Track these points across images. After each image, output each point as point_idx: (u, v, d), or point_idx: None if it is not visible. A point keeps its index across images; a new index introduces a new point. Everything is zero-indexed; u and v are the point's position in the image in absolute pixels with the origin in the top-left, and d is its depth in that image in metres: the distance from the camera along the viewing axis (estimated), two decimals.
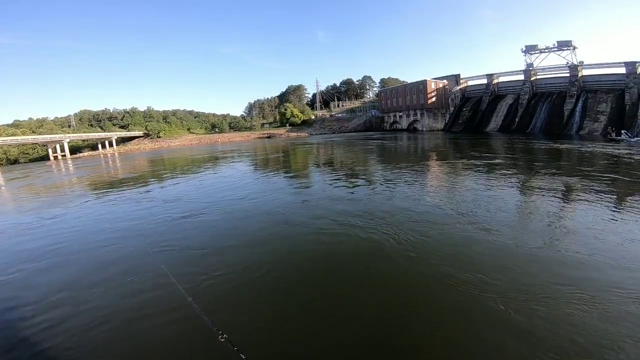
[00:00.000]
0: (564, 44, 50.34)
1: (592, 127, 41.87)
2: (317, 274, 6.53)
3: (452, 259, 6.59)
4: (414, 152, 30.86)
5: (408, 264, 6.56)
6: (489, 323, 4.58)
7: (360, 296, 5.58)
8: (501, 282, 5.59)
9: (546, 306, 4.82)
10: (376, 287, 5.85)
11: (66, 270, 7.48)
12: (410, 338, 4.46)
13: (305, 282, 6.27)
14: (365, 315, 5.02)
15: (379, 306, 5.26)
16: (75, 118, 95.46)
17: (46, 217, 12.96)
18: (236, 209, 11.90)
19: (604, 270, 5.84)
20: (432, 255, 6.83)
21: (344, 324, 4.82)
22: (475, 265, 6.20)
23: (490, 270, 6.00)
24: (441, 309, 5.03)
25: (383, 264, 6.69)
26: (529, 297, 5.09)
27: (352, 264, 6.82)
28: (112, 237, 9.61)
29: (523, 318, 4.59)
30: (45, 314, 5.58)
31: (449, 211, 9.82)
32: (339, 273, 6.51)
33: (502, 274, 5.85)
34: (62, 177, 30.68)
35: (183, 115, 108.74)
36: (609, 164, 17.93)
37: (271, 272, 6.64)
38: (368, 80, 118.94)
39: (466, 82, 66.06)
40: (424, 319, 4.88)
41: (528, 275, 5.78)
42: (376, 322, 4.84)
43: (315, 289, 5.99)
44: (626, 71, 41.16)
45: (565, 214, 9.26)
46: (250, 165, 28.24)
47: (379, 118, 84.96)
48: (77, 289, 6.47)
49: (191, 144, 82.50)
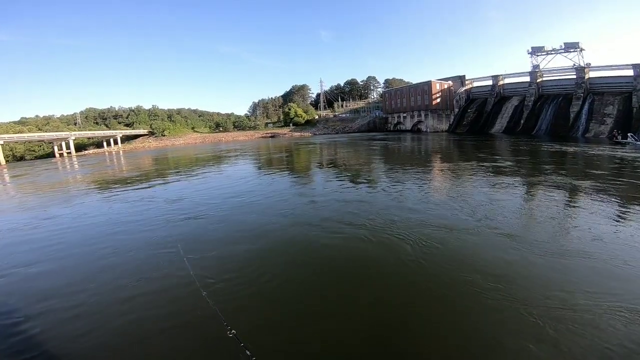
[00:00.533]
0: (571, 46, 49.92)
1: (598, 129, 41.50)
2: (326, 275, 6.53)
3: (463, 262, 6.56)
4: (418, 154, 30.73)
5: (417, 267, 6.54)
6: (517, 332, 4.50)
7: (371, 298, 5.56)
8: (530, 291, 5.40)
9: (577, 315, 4.69)
10: (381, 288, 5.85)
11: (82, 260, 7.58)
12: (424, 341, 4.46)
13: (313, 282, 6.29)
14: (378, 317, 5.02)
15: (389, 307, 5.26)
16: (80, 116, 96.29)
17: (50, 215, 13.09)
18: (244, 208, 11.98)
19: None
20: (443, 259, 6.80)
21: (351, 325, 4.82)
22: (499, 275, 5.96)
23: (516, 277, 5.85)
24: (455, 315, 5.01)
25: (392, 265, 6.67)
26: (566, 308, 4.88)
27: (361, 266, 6.80)
28: (122, 230, 9.77)
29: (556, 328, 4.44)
30: (40, 313, 5.66)
31: (459, 214, 9.78)
32: (348, 275, 6.49)
33: (528, 282, 5.68)
34: (67, 175, 30.95)
35: (187, 114, 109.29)
36: (618, 167, 17.74)
37: (281, 271, 6.70)
38: (372, 81, 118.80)
39: (471, 83, 65.75)
40: (426, 320, 4.90)
41: (561, 285, 5.62)
42: (383, 322, 4.84)
43: (323, 289, 6.00)
44: (634, 73, 40.71)
45: (573, 216, 9.19)
46: (255, 165, 28.32)
47: (383, 119, 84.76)
48: (95, 280, 6.57)
49: (195, 142, 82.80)
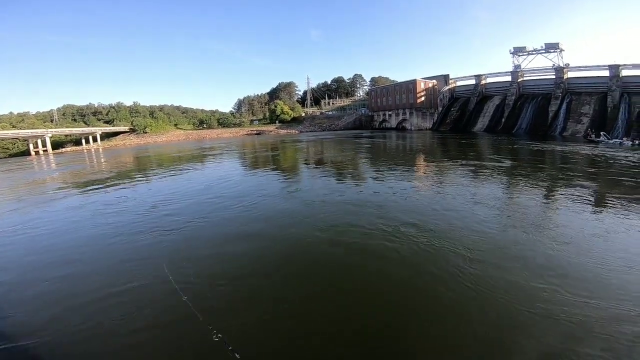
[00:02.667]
0: (552, 46, 51.27)
1: (575, 128, 42.84)
2: (312, 276, 6.41)
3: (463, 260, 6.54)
4: (402, 151, 30.93)
5: (409, 265, 6.45)
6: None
7: (363, 297, 5.52)
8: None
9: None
10: (377, 287, 5.84)
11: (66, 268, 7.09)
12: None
13: (300, 283, 6.16)
14: (369, 317, 5.01)
15: (381, 307, 5.24)
16: (58, 113, 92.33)
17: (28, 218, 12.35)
18: (227, 209, 11.56)
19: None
20: (433, 255, 6.75)
21: (339, 325, 4.78)
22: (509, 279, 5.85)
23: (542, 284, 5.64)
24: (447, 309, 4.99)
25: (384, 263, 6.61)
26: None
27: (349, 263, 6.75)
28: (105, 233, 9.45)
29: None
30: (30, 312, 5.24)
31: (444, 210, 9.85)
32: (336, 272, 6.45)
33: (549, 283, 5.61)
34: (43, 174, 29.54)
35: (170, 111, 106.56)
36: (587, 162, 18.29)
37: (268, 272, 6.55)
38: (359, 79, 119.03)
39: (455, 82, 66.73)
40: (424, 319, 4.91)
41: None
42: (374, 323, 4.83)
43: (308, 290, 5.89)
44: (610, 74, 42.13)
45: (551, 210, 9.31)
46: (240, 163, 27.78)
47: (369, 117, 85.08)
48: (70, 288, 6.27)
49: (178, 139, 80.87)
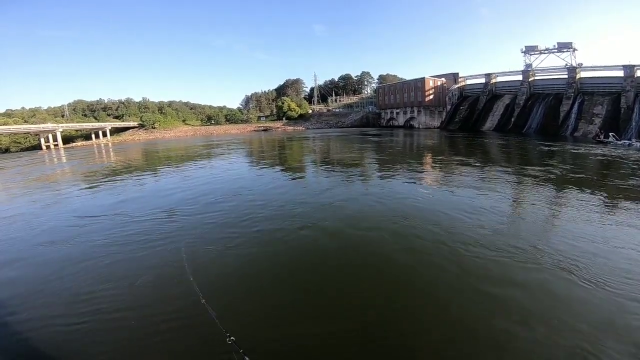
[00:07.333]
0: (564, 46, 50.30)
1: (586, 129, 42.05)
2: (327, 281, 6.32)
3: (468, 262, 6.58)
4: (409, 150, 30.76)
5: (415, 265, 6.52)
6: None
7: (378, 301, 5.52)
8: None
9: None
10: (389, 288, 5.88)
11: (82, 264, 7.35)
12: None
13: (314, 286, 6.14)
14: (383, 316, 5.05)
15: (398, 310, 5.26)
16: (69, 108, 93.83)
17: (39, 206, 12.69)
18: (241, 208, 11.36)
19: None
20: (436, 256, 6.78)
21: (355, 331, 4.76)
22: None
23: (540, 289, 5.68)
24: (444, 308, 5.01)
25: (394, 265, 6.70)
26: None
27: (368, 268, 6.70)
28: (123, 232, 9.47)
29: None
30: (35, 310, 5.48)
31: (449, 211, 9.84)
32: (354, 278, 6.37)
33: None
34: (54, 168, 30.18)
35: (179, 107, 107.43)
36: (595, 163, 18.05)
37: (283, 275, 6.55)
38: (366, 76, 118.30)
39: (464, 80, 65.93)
40: (418, 317, 4.93)
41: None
42: (388, 321, 4.91)
43: (325, 293, 5.86)
44: (624, 74, 41.15)
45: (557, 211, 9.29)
46: (249, 160, 27.91)
47: (376, 114, 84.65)
48: (90, 285, 6.43)
49: (186, 135, 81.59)
